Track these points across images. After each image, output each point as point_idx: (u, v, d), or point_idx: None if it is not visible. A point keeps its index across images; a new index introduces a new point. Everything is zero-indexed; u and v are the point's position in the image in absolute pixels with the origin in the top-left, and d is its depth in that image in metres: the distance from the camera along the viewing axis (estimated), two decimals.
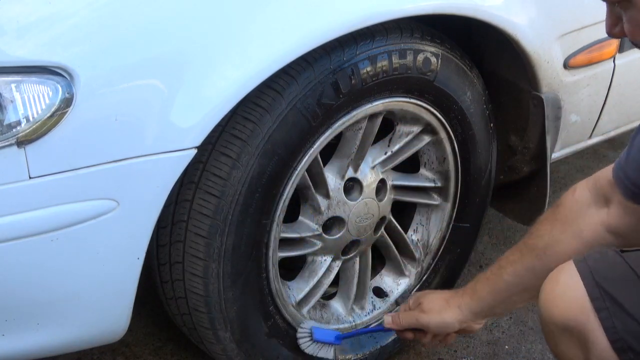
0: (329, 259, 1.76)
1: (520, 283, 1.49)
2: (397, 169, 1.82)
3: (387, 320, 1.69)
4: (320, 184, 1.65)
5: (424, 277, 1.95)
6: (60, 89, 1.27)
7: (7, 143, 1.26)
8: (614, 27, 1.24)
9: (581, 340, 1.29)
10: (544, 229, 1.48)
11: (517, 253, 1.51)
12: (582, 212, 1.44)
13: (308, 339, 1.71)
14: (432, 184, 1.88)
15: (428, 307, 1.63)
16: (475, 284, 1.58)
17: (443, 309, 1.61)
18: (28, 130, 1.26)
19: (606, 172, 1.43)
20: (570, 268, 1.31)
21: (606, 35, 1.85)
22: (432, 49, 1.65)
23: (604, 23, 1.27)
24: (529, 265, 1.47)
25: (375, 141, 1.74)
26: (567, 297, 1.30)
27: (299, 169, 1.56)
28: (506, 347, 2.05)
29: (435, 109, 1.73)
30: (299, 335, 1.71)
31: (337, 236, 1.72)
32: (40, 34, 1.28)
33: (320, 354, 1.73)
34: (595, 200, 1.44)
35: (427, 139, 1.79)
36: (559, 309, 1.31)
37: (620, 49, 1.94)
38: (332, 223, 1.71)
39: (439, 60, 1.67)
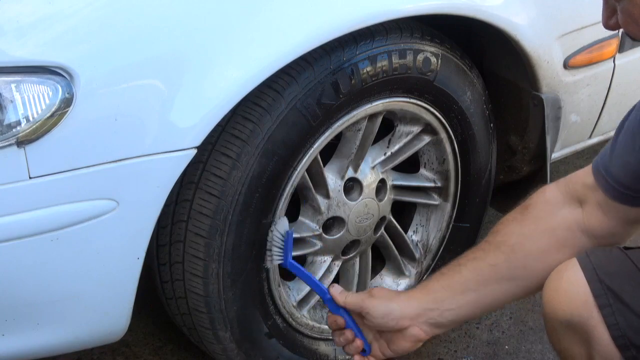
0: (329, 259, 1.76)
1: (479, 280, 1.41)
2: (397, 169, 1.82)
3: (336, 289, 1.51)
4: (320, 184, 1.65)
5: (424, 277, 1.95)
6: (60, 89, 1.27)
7: (7, 143, 1.26)
8: (610, 19, 1.23)
9: (584, 336, 1.29)
10: (511, 228, 1.43)
11: (479, 251, 1.44)
12: (555, 212, 1.40)
13: (279, 235, 1.57)
14: (432, 184, 1.88)
15: (378, 294, 1.49)
16: (429, 280, 1.49)
17: (392, 298, 1.48)
18: (28, 130, 1.26)
19: (579, 176, 1.40)
20: (574, 264, 1.30)
21: (606, 36, 1.86)
22: (432, 49, 1.65)
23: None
24: (493, 261, 1.41)
25: (375, 141, 1.74)
26: (570, 293, 1.29)
27: (299, 169, 1.56)
28: (506, 347, 2.05)
29: (435, 109, 1.73)
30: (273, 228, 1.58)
31: (337, 236, 1.72)
32: (40, 34, 1.28)
33: (273, 252, 1.59)
34: (568, 201, 1.40)
35: (427, 139, 1.80)
36: (562, 305, 1.30)
37: (620, 49, 1.94)
38: (332, 223, 1.71)
39: (439, 60, 1.67)
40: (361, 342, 1.50)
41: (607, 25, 1.24)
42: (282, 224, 1.56)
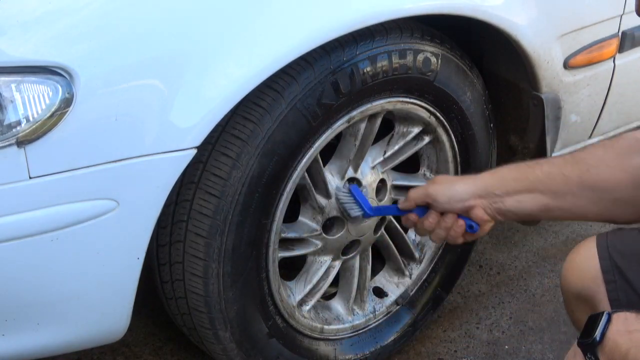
0: (329, 259, 1.76)
1: (549, 184, 1.40)
2: (397, 169, 1.82)
3: (402, 201, 1.55)
4: (320, 184, 1.65)
5: (424, 277, 1.96)
6: (60, 89, 1.27)
7: (7, 143, 1.26)
8: None
9: (592, 308, 1.35)
10: (597, 150, 1.41)
11: (560, 159, 1.44)
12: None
13: (346, 192, 1.67)
14: None
15: (440, 179, 1.52)
16: (500, 167, 1.48)
17: (456, 181, 1.51)
18: (28, 130, 1.26)
19: None
20: (591, 241, 1.38)
21: (606, 36, 1.86)
22: (432, 49, 1.65)
23: (604, 23, 1.28)
24: (567, 172, 1.39)
25: (375, 141, 1.74)
26: (583, 267, 1.38)
27: (299, 169, 1.56)
28: (506, 347, 2.05)
29: (435, 109, 1.73)
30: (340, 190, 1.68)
31: (337, 236, 1.72)
32: (40, 33, 1.28)
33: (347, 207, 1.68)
34: None
35: (427, 139, 1.80)
36: (575, 278, 1.39)
37: (620, 49, 1.94)
38: (332, 223, 1.71)
39: (439, 60, 1.67)
40: (460, 223, 1.46)
41: None
42: (342, 188, 1.68)
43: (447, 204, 1.46)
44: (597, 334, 1.17)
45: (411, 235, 1.94)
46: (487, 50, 1.88)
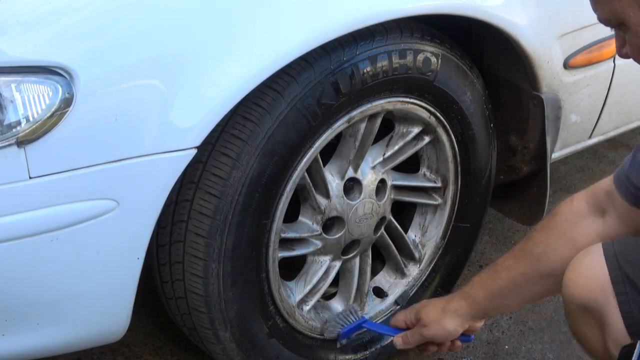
0: (328, 259, 1.76)
1: (514, 288, 1.53)
2: (397, 169, 1.82)
3: (399, 341, 1.75)
4: (320, 184, 1.65)
5: (424, 277, 1.95)
6: (60, 89, 1.27)
7: (7, 143, 1.26)
8: (622, 48, 1.28)
9: (599, 321, 1.32)
10: (539, 236, 1.51)
11: (512, 259, 1.54)
12: (578, 222, 1.46)
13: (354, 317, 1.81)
14: (432, 184, 1.88)
15: (427, 320, 1.68)
16: (470, 288, 1.63)
17: (442, 319, 1.66)
18: (28, 130, 1.26)
19: (603, 184, 1.45)
20: (597, 249, 1.34)
21: (606, 36, 1.86)
22: (432, 49, 1.65)
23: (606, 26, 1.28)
24: (522, 270, 1.51)
25: (375, 141, 1.74)
26: (589, 277, 1.33)
27: (299, 169, 1.56)
28: (506, 347, 2.05)
29: (435, 109, 1.73)
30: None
31: (337, 236, 1.72)
32: (40, 33, 1.28)
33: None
34: (592, 211, 1.46)
35: (427, 139, 1.80)
36: (580, 288, 1.34)
37: None
38: (332, 223, 1.71)
39: (439, 60, 1.67)
40: (457, 344, 1.74)
41: (621, 54, 1.30)
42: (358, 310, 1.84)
43: (444, 339, 1.70)
44: None
45: (411, 236, 1.94)
46: (487, 50, 1.87)
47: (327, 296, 1.88)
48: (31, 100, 1.26)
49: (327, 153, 1.67)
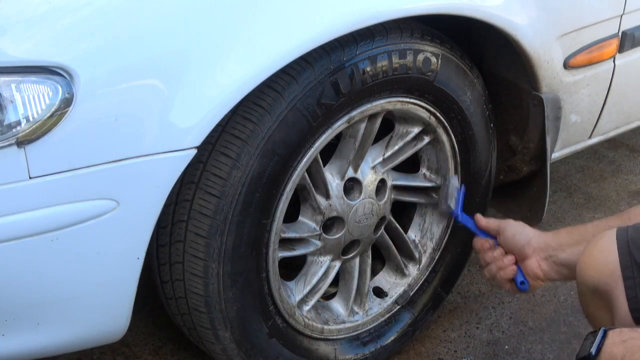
0: (328, 259, 1.76)
1: (595, 234, 1.49)
2: (397, 169, 1.82)
3: (479, 216, 1.75)
4: (320, 184, 1.65)
5: (424, 277, 1.95)
6: (60, 89, 1.27)
7: (7, 143, 1.26)
8: None
9: (608, 303, 1.34)
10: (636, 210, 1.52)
11: (607, 217, 1.57)
12: None
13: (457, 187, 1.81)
14: (432, 184, 1.88)
15: (514, 221, 1.69)
16: (562, 228, 1.64)
17: (526, 226, 1.66)
18: (28, 130, 1.26)
19: None
20: (611, 234, 1.37)
21: (606, 36, 1.86)
22: (432, 49, 1.65)
23: (604, 23, 1.27)
24: (612, 223, 1.49)
25: (375, 141, 1.74)
26: (601, 261, 1.36)
27: (299, 169, 1.56)
28: (506, 347, 2.05)
29: (435, 109, 1.73)
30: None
31: (337, 236, 1.72)
32: (40, 33, 1.28)
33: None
34: None
35: (427, 139, 1.80)
36: (592, 271, 1.37)
37: (620, 49, 1.94)
38: (332, 223, 1.71)
39: (439, 60, 1.67)
40: (512, 268, 1.65)
41: None
42: (455, 180, 1.79)
43: (511, 239, 1.65)
44: (594, 349, 1.19)
45: (411, 236, 1.94)
46: (487, 50, 1.87)
47: (327, 296, 1.88)
48: (31, 100, 1.26)
49: (327, 153, 1.67)
